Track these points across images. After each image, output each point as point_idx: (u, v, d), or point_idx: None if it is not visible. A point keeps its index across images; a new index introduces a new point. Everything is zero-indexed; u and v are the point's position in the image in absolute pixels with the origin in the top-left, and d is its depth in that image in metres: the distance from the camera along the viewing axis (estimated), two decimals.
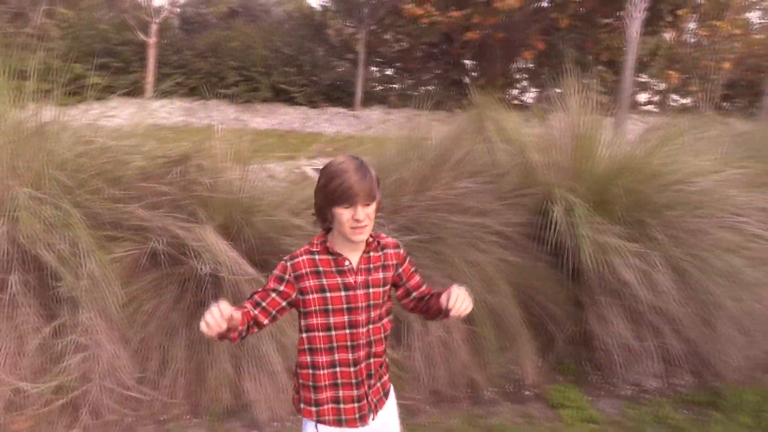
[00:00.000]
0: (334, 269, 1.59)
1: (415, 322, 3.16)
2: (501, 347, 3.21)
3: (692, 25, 16.67)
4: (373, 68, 17.11)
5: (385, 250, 1.67)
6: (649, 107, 20.12)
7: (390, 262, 1.68)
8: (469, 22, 11.91)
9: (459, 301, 1.48)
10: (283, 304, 1.60)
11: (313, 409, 1.62)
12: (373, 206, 1.54)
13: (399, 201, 3.58)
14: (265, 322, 1.59)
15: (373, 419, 1.66)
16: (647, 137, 4.17)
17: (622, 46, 10.70)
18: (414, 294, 1.74)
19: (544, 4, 12.61)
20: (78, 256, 2.70)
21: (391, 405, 1.75)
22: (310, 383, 1.63)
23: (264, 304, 1.59)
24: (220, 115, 14.24)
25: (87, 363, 2.58)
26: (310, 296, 1.58)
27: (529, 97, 18.40)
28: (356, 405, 1.63)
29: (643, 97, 20.41)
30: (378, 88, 16.53)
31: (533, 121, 4.64)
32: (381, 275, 1.65)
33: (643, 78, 18.99)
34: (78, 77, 12.94)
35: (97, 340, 2.63)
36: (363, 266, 1.62)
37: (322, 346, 1.61)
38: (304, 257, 1.59)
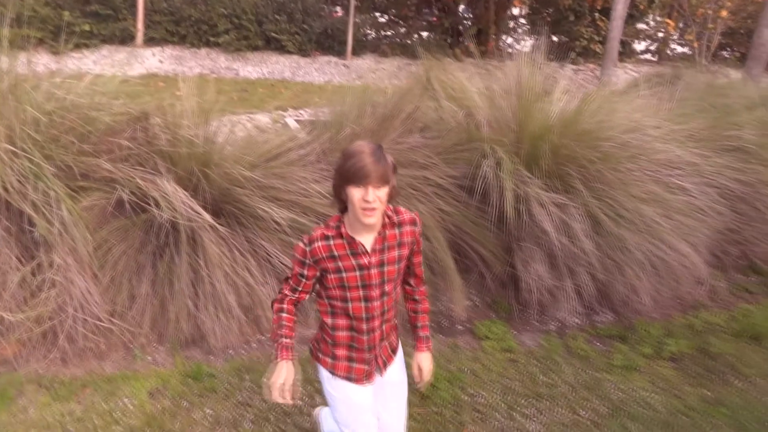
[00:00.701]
0: (348, 252, 1.69)
1: None
2: (438, 288, 3.58)
3: None
4: (366, 16, 16.89)
5: (402, 228, 1.75)
6: (647, 56, 19.87)
7: (406, 239, 1.77)
8: None
9: (425, 375, 1.94)
10: (314, 282, 1.78)
11: (329, 360, 1.83)
12: (386, 190, 1.60)
13: None
14: (305, 297, 1.82)
15: (381, 375, 1.88)
16: (592, 94, 4.37)
17: None
18: (414, 270, 1.89)
19: None
20: (50, 205, 3.04)
21: (398, 360, 1.95)
22: (329, 340, 1.82)
23: (300, 288, 1.78)
24: (210, 64, 14.27)
25: (61, 297, 2.96)
26: (329, 275, 1.72)
27: (525, 45, 18.20)
28: (365, 367, 1.82)
29: (641, 45, 20.10)
30: (371, 37, 16.38)
31: (493, 75, 4.83)
32: (396, 253, 1.75)
33: (642, 26, 18.66)
34: (68, 24, 13.04)
35: (70, 278, 3.00)
36: (378, 247, 1.71)
37: (341, 312, 1.77)
38: (320, 243, 1.69)
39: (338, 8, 16.28)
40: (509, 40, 17.39)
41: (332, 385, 1.85)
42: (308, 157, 3.95)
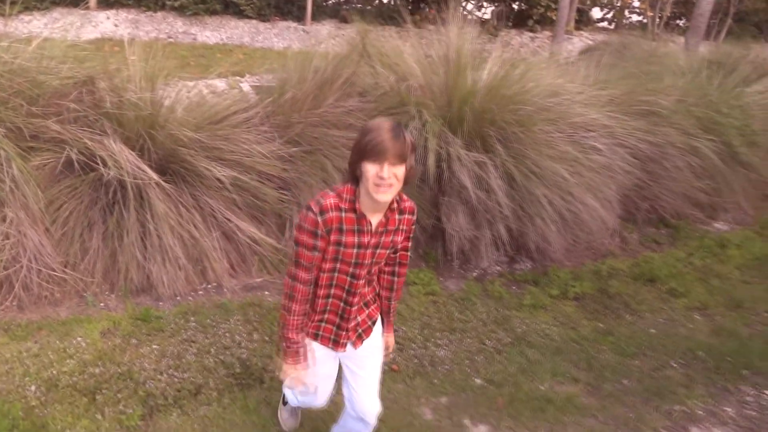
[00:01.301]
0: (355, 228, 1.68)
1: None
2: None
3: None
4: None
5: (403, 215, 1.77)
6: (604, 24, 20.28)
7: (403, 227, 1.79)
8: None
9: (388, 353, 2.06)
10: (320, 257, 1.72)
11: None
12: (402, 169, 1.58)
13: (290, 117, 4.15)
14: (312, 277, 1.76)
15: (355, 348, 1.89)
16: (519, 62, 4.69)
17: None
18: (398, 253, 1.89)
19: None
20: (1, 164, 3.24)
21: (376, 329, 1.96)
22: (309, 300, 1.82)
23: (305, 263, 1.71)
24: (167, 28, 14.05)
25: (15, 249, 3.19)
26: (329, 247, 1.69)
27: (486, 11, 18.36)
28: (334, 330, 1.84)
29: (598, 13, 20.49)
30: (331, 2, 16.31)
31: (433, 43, 5.09)
32: (391, 238, 1.76)
33: None
34: None
35: (23, 231, 3.22)
36: (380, 229, 1.71)
37: (324, 283, 1.77)
38: (333, 213, 1.65)
39: None
40: (469, 6, 17.53)
41: None
42: (252, 120, 4.19)
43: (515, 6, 17.76)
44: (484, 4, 18.15)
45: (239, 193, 3.74)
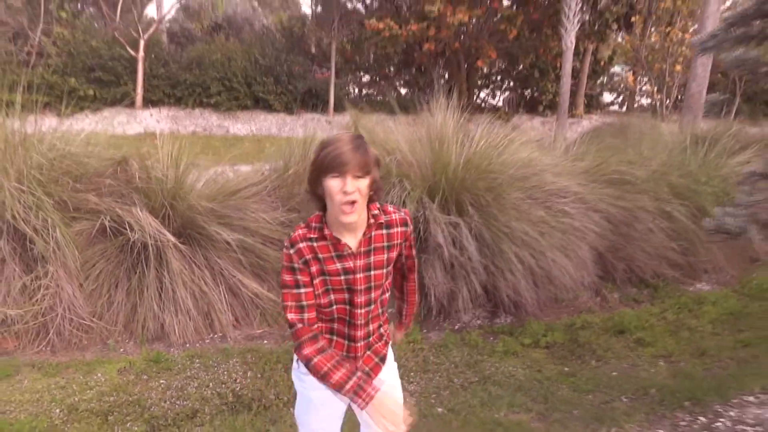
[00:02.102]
0: (333, 254, 1.57)
1: None
2: None
3: (648, 31, 17.73)
4: (350, 76, 18.29)
5: (391, 229, 1.64)
6: (615, 107, 21.23)
7: (396, 241, 1.65)
8: (427, 34, 13.11)
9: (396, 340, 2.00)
10: (314, 291, 1.60)
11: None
12: (366, 181, 1.49)
13: (292, 189, 4.80)
14: (315, 313, 1.62)
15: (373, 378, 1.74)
16: (499, 139, 5.29)
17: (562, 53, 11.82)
18: (405, 264, 1.85)
19: (495, 18, 13.80)
20: (47, 229, 3.90)
21: (389, 369, 1.82)
22: None
23: (304, 302, 1.59)
24: (203, 122, 15.50)
25: (53, 299, 3.78)
26: (315, 279, 1.60)
27: (499, 98, 19.58)
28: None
29: (609, 97, 21.51)
30: (353, 95, 17.74)
31: (424, 125, 5.77)
32: (384, 256, 1.63)
33: (606, 79, 20.07)
34: (73, 90, 14.56)
35: (61, 285, 3.82)
36: (363, 249, 1.59)
37: (325, 318, 1.67)
38: (304, 244, 1.56)
39: (325, 69, 17.68)
40: (482, 94, 18.77)
41: (299, 379, 1.78)
42: (261, 193, 4.85)
43: (527, 93, 18.96)
44: (497, 93, 19.44)
45: (244, 253, 4.30)
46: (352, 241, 1.58)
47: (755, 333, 4.31)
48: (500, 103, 18.80)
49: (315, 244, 1.57)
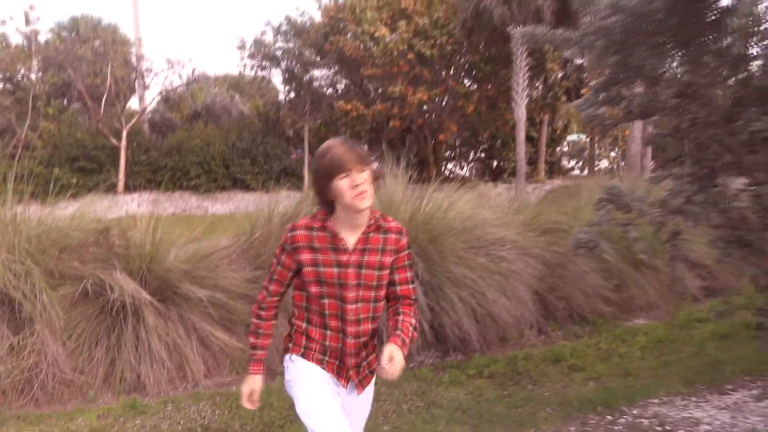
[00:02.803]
0: (329, 246, 1.69)
1: None
2: None
3: None
4: None
5: (388, 235, 1.75)
6: (576, 171, 22.50)
7: (390, 247, 1.74)
8: (391, 113, 14.22)
9: (394, 367, 1.67)
10: (290, 275, 1.78)
11: (302, 349, 1.82)
12: (367, 173, 1.62)
13: (259, 250, 5.33)
14: (282, 290, 1.83)
15: (358, 394, 1.86)
16: (440, 197, 5.94)
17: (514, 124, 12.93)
18: (397, 287, 1.82)
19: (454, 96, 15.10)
20: (35, 294, 4.35)
21: (370, 388, 1.95)
22: (304, 334, 1.81)
23: (276, 276, 1.81)
24: (183, 204, 16.15)
25: (38, 356, 4.16)
26: (306, 268, 1.71)
27: (466, 169, 20.74)
28: (337, 366, 1.80)
29: (571, 162, 22.85)
30: None
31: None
32: (378, 258, 1.72)
33: (565, 146, 21.44)
34: (58, 179, 15.17)
35: (46, 343, 4.22)
36: (359, 247, 1.70)
37: (316, 308, 1.76)
38: (302, 231, 1.70)
39: (299, 150, 18.68)
40: (450, 165, 19.88)
41: (296, 367, 1.81)
42: (231, 255, 5.38)
43: (492, 162, 20.13)
44: (463, 163, 20.61)
45: (215, 308, 4.76)
46: (350, 238, 1.69)
47: (677, 356, 4.82)
48: (467, 173, 19.88)
49: (314, 234, 1.70)
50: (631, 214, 3.56)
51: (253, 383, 1.93)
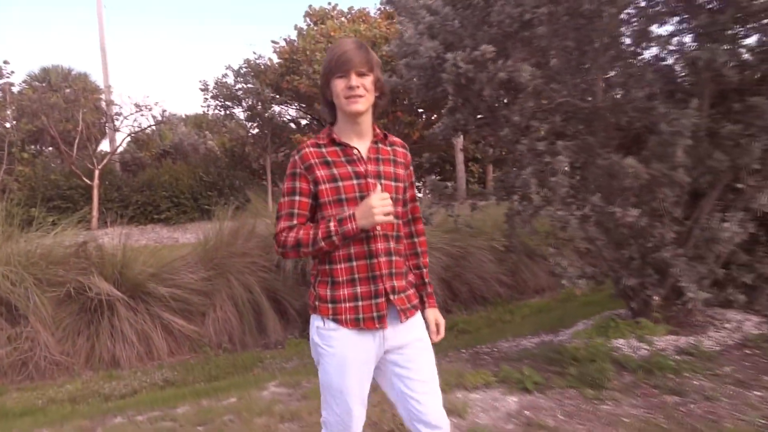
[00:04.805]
0: (343, 158, 1.58)
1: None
2: (260, 323, 6.02)
3: None
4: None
5: (394, 147, 1.68)
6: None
7: (400, 160, 1.67)
8: None
9: (442, 331, 1.77)
10: (310, 202, 1.59)
11: (330, 306, 1.58)
12: (370, 79, 1.55)
13: (212, 255, 6.53)
14: (306, 221, 1.60)
15: (401, 322, 1.61)
16: None
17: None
18: (408, 206, 1.74)
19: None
20: (27, 296, 5.46)
21: (417, 320, 1.70)
22: (328, 278, 1.60)
23: (296, 209, 1.58)
24: (155, 236, 17.13)
25: (32, 343, 5.25)
26: (323, 186, 1.56)
27: (422, 189, 22.16)
28: (373, 302, 1.57)
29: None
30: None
31: None
32: (392, 169, 1.63)
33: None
34: (35, 218, 15.85)
35: (38, 332, 5.32)
36: (372, 156, 1.61)
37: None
38: (311, 149, 1.59)
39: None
40: None
41: (324, 337, 1.60)
42: (189, 261, 6.55)
43: (449, 184, 21.64)
44: (418, 184, 22.05)
45: (176, 302, 5.91)
46: (361, 147, 1.60)
47: (544, 317, 6.09)
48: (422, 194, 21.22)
49: (324, 150, 1.59)
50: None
51: (364, 203, 1.53)
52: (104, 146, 19.45)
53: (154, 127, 18.20)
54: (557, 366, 3.23)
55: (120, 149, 18.77)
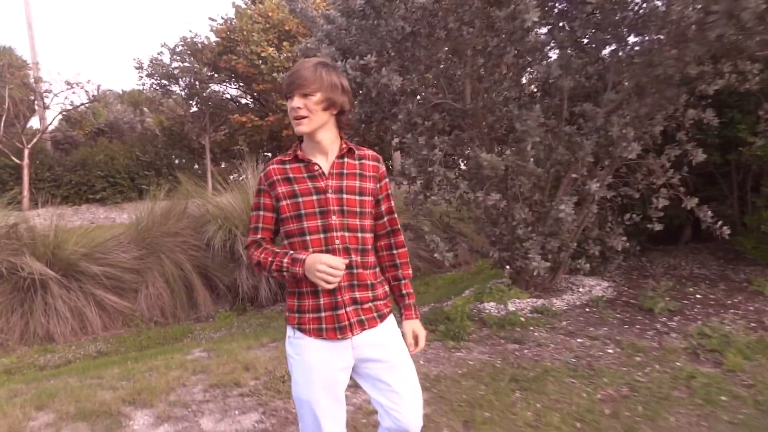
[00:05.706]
0: (305, 174, 1.62)
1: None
2: (191, 298, 6.46)
3: None
4: (229, 163, 20.56)
5: (363, 161, 1.68)
6: None
7: (368, 173, 1.67)
8: (284, 123, 15.84)
9: (420, 342, 1.78)
10: (274, 216, 1.66)
11: (296, 316, 1.64)
12: (316, 98, 1.55)
13: (143, 235, 6.87)
14: (272, 235, 1.68)
15: (356, 333, 1.61)
16: None
17: None
18: (384, 218, 1.75)
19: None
20: None
21: (388, 330, 1.70)
22: (295, 290, 1.65)
23: (260, 224, 1.66)
24: (90, 216, 16.94)
25: None
26: (284, 202, 1.61)
27: None
28: (334, 313, 1.60)
29: None
30: (231, 178, 20.01)
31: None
32: (356, 182, 1.64)
33: None
34: None
35: None
36: (335, 171, 1.63)
37: (300, 250, 1.59)
38: (275, 166, 1.64)
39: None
40: None
41: (294, 345, 1.66)
42: (122, 241, 6.87)
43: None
44: None
45: (108, 280, 6.25)
46: (323, 163, 1.63)
47: (452, 288, 6.81)
48: None
49: (287, 166, 1.64)
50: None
51: (323, 259, 1.55)
52: (34, 123, 18.89)
53: (87, 105, 17.77)
54: (432, 325, 3.88)
55: (51, 127, 18.29)
